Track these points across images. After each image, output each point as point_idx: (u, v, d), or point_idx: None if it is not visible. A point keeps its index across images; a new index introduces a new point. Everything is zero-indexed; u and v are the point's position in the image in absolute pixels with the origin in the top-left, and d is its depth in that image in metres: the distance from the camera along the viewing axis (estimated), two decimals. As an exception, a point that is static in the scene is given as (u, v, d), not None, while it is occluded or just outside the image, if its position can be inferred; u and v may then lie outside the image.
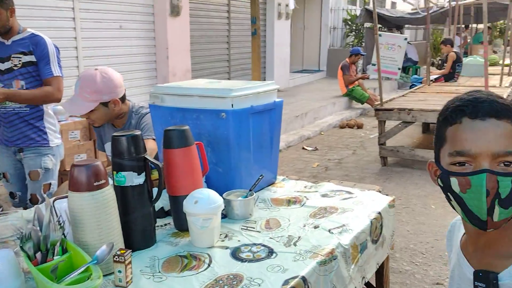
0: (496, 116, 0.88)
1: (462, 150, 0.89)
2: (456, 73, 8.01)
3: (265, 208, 1.88)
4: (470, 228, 0.99)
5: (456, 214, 0.99)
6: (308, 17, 13.11)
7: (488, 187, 0.85)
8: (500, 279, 0.94)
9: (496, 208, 0.87)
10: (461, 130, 0.90)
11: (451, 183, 0.90)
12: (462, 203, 0.90)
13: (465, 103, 0.91)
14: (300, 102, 8.33)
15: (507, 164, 0.86)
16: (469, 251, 1.04)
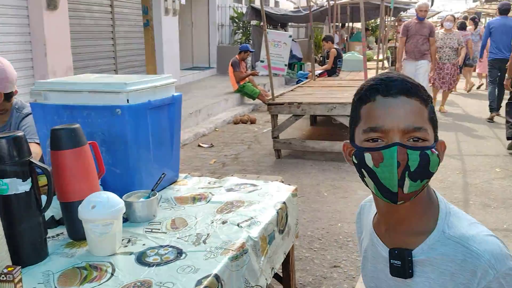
0: (406, 94, 0.92)
1: (375, 126, 0.93)
2: (338, 68, 8.56)
3: (169, 207, 1.79)
4: (382, 207, 1.03)
5: (359, 197, 1.01)
6: (195, 14, 13.03)
7: (399, 159, 0.89)
8: (414, 255, 0.98)
9: (406, 180, 0.90)
10: (374, 107, 0.94)
11: (365, 159, 0.93)
12: (375, 177, 0.93)
13: (378, 82, 0.95)
14: (193, 99, 8.23)
15: (416, 140, 0.91)
16: (381, 230, 1.08)
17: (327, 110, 5.28)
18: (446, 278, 0.93)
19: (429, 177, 0.94)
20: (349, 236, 3.44)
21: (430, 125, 0.95)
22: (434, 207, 1.00)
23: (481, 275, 0.89)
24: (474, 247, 0.91)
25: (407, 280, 0.99)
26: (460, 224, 0.97)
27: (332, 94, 6.02)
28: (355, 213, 3.81)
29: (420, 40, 7.26)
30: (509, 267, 0.89)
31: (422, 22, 7.31)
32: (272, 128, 5.58)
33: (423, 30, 7.24)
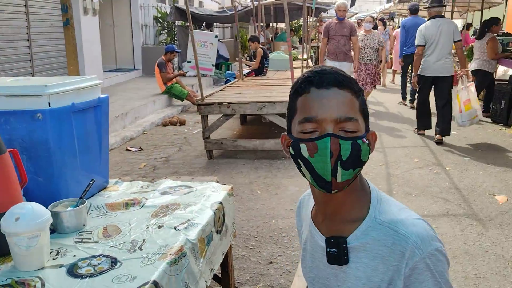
0: (338, 85, 0.97)
1: (310, 116, 0.96)
2: (265, 67, 8.68)
3: (100, 215, 1.71)
4: (318, 197, 1.06)
5: (291, 193, 1.03)
6: (117, 13, 12.56)
7: (332, 149, 0.93)
8: (349, 242, 1.02)
9: (339, 170, 0.94)
10: (309, 98, 0.98)
11: (301, 149, 0.96)
12: (311, 167, 0.96)
13: (313, 74, 0.99)
14: (119, 102, 7.94)
15: (348, 131, 0.96)
16: (319, 221, 1.11)
17: (257, 109, 5.34)
18: (378, 262, 0.97)
19: (360, 166, 0.98)
20: (284, 232, 3.50)
21: (361, 116, 0.99)
22: (367, 195, 1.05)
23: (409, 256, 0.94)
24: (402, 230, 0.96)
25: (343, 267, 1.02)
26: (390, 210, 1.01)
27: (261, 93, 6.09)
28: (288, 209, 3.89)
29: (342, 41, 7.23)
30: (435, 248, 0.94)
31: (342, 22, 7.28)
32: (203, 128, 5.54)
33: (343, 30, 7.21)
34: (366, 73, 7.93)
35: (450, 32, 5.80)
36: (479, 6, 10.96)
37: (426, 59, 5.93)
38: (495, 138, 6.24)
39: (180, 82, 9.14)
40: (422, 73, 5.98)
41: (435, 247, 0.95)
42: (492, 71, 7.47)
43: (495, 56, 7.17)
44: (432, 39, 5.81)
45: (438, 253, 0.95)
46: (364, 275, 0.99)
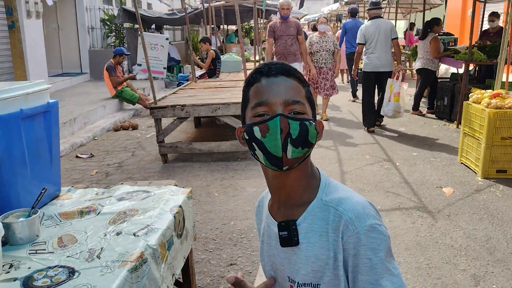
0: (285, 74, 1.07)
1: (260, 101, 1.04)
2: (217, 69, 8.65)
3: (54, 224, 1.64)
4: (273, 184, 1.12)
5: (249, 194, 1.05)
6: (62, 16, 12.11)
7: (281, 126, 1.00)
8: (298, 224, 1.08)
9: (289, 146, 1.01)
10: (259, 86, 1.07)
11: (254, 132, 1.03)
12: (263, 147, 1.02)
13: (262, 66, 1.09)
14: (66, 108, 7.65)
15: (296, 113, 1.04)
16: (275, 210, 1.16)
17: (211, 111, 5.31)
18: (323, 239, 1.03)
19: (309, 146, 1.05)
20: (243, 233, 3.50)
21: (307, 102, 1.08)
22: (316, 181, 1.12)
23: (343, 231, 1.00)
24: (340, 207, 1.03)
25: (295, 249, 1.07)
26: (336, 192, 1.09)
27: (215, 95, 6.07)
28: (246, 210, 3.90)
29: (289, 41, 6.82)
30: (369, 224, 0.99)
31: (287, 21, 6.83)
32: (156, 132, 5.44)
33: (290, 30, 6.79)
34: (321, 77, 7.50)
35: (388, 31, 6.56)
36: (421, 7, 11.48)
37: (368, 56, 6.66)
38: (440, 133, 6.55)
39: (130, 85, 8.94)
40: (366, 69, 6.68)
41: (369, 223, 0.99)
42: (435, 70, 7.84)
43: (438, 55, 7.53)
44: (372, 38, 6.57)
45: (371, 229, 0.99)
46: (313, 254, 1.04)
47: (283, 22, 6.85)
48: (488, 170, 4.53)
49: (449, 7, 12.43)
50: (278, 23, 6.90)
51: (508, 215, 3.67)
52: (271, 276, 1.19)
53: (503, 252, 3.09)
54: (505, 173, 4.52)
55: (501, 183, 4.39)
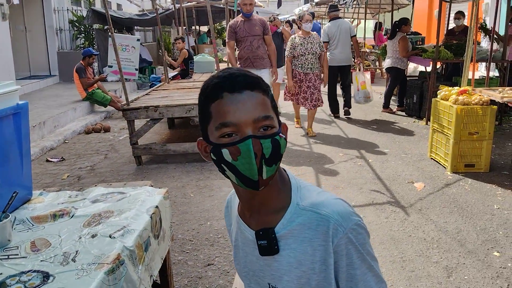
0: (250, 88, 0.98)
1: (227, 121, 0.97)
2: (190, 70, 8.61)
3: (26, 229, 1.61)
4: (243, 195, 1.09)
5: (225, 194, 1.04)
6: (29, 18, 11.79)
7: (255, 150, 0.95)
8: (277, 231, 1.05)
9: (264, 167, 0.97)
10: (223, 104, 0.97)
11: (223, 155, 0.97)
12: (236, 170, 0.98)
13: (223, 79, 0.99)
14: (35, 111, 7.46)
15: (265, 128, 0.98)
16: (246, 216, 1.13)
17: (185, 111, 5.28)
18: (306, 245, 1.02)
19: (280, 159, 1.01)
20: (219, 233, 3.50)
21: (273, 112, 1.02)
22: (287, 184, 1.09)
23: (333, 234, 1.00)
24: (323, 211, 1.01)
25: (275, 256, 1.06)
26: (310, 194, 1.07)
27: (188, 95, 6.03)
28: (222, 209, 3.89)
29: (255, 42, 5.82)
30: (354, 222, 1.01)
31: (250, 19, 5.81)
32: (129, 134, 5.37)
33: (254, 29, 5.79)
34: (306, 85, 6.27)
35: (347, 29, 7.45)
36: (389, 8, 11.73)
37: (332, 52, 7.41)
38: (410, 130, 6.69)
39: (101, 87, 8.78)
40: (330, 64, 7.18)
41: (354, 221, 1.01)
42: (404, 68, 8.01)
43: (406, 54, 7.69)
44: (334, 36, 7.37)
45: (357, 227, 1.01)
46: (295, 260, 1.03)
47: (246, 20, 5.81)
48: (457, 164, 4.66)
49: (416, 7, 12.73)
50: (240, 22, 5.82)
51: (477, 208, 3.78)
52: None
53: (473, 244, 3.18)
54: (473, 167, 4.67)
55: (470, 177, 4.53)
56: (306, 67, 6.24)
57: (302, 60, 6.24)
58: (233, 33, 5.82)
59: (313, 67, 6.26)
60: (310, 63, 6.24)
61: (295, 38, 6.30)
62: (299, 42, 6.24)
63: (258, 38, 5.83)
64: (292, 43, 6.28)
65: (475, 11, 5.08)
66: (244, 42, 5.83)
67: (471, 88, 5.00)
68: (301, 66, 6.25)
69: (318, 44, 6.27)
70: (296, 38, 6.29)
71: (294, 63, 6.30)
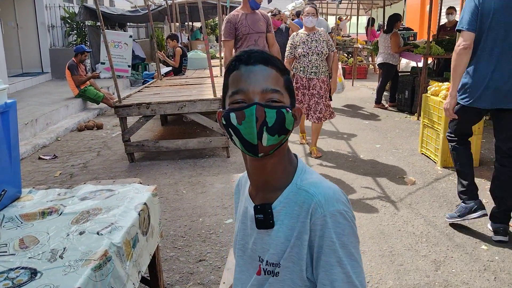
0: (264, 63, 1.09)
1: (238, 89, 1.07)
2: (183, 66, 8.60)
3: (15, 226, 1.62)
4: (251, 169, 1.16)
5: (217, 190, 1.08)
6: (20, 15, 11.71)
7: (257, 115, 1.03)
8: (274, 207, 1.12)
9: (264, 134, 1.04)
10: (237, 74, 1.09)
11: (230, 118, 1.05)
12: (239, 134, 1.05)
13: (242, 53, 1.10)
14: (27, 108, 7.44)
15: (273, 101, 1.06)
16: (253, 194, 1.20)
17: (177, 108, 5.29)
18: (294, 221, 1.08)
19: (285, 133, 1.08)
20: (212, 229, 3.52)
21: (286, 91, 1.10)
22: (293, 167, 1.16)
23: (312, 212, 1.05)
24: (311, 190, 1.08)
25: (269, 230, 1.12)
26: (311, 177, 1.13)
27: (181, 92, 6.04)
28: (214, 206, 3.91)
29: (260, 41, 4.92)
30: (336, 209, 1.04)
31: (254, 13, 4.88)
32: (122, 131, 5.37)
33: (258, 25, 4.86)
34: (310, 93, 5.08)
35: (325, 27, 7.99)
36: (381, 3, 11.74)
37: None
38: (402, 125, 6.74)
39: (94, 84, 8.76)
40: None
41: (337, 208, 1.04)
42: (396, 64, 8.05)
43: (398, 49, 7.73)
44: None
45: (338, 215, 1.03)
46: (283, 235, 1.09)
47: (250, 14, 4.83)
48: (447, 159, 4.71)
49: (408, 3, 12.78)
50: (242, 16, 4.81)
51: (466, 202, 3.83)
52: None
53: (461, 238, 3.23)
54: (463, 162, 4.71)
55: (460, 172, 4.58)
56: (309, 71, 5.04)
57: (305, 62, 5.03)
58: (233, 30, 4.76)
59: (318, 71, 5.03)
60: (315, 65, 5.02)
61: (296, 35, 5.16)
62: (301, 40, 5.04)
63: (262, 36, 4.90)
64: (292, 41, 5.10)
65: (465, 7, 5.10)
66: (247, 40, 4.81)
67: (461, 83, 5.03)
68: (303, 69, 5.05)
69: (325, 42, 5.03)
70: (298, 35, 5.13)
71: (295, 65, 5.12)
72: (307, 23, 5.05)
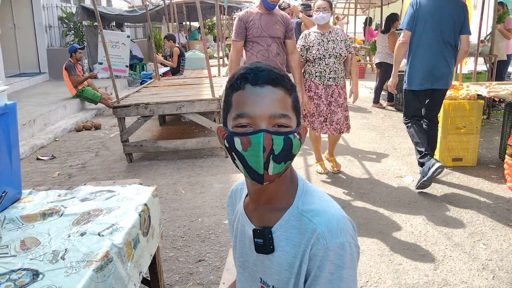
0: (272, 83, 1.01)
1: (244, 113, 1.00)
2: (181, 66, 8.61)
3: (16, 228, 1.62)
4: (251, 188, 1.11)
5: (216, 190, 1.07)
6: (18, 15, 11.69)
7: (264, 144, 0.98)
8: (274, 232, 1.07)
9: (271, 163, 0.99)
10: (244, 95, 1.01)
11: (235, 143, 1.00)
12: (244, 160, 1.00)
13: (248, 71, 1.02)
14: (25, 109, 7.43)
15: (280, 126, 1.00)
16: (250, 210, 1.15)
17: (175, 108, 5.29)
18: (296, 249, 1.03)
19: (291, 159, 1.03)
20: (211, 229, 3.52)
21: (293, 112, 1.04)
22: (294, 186, 1.10)
23: (313, 242, 1.00)
24: (315, 219, 1.02)
25: (269, 255, 1.07)
26: (312, 200, 1.07)
27: (179, 92, 6.04)
28: (213, 206, 3.91)
29: (274, 47, 4.11)
30: (340, 241, 0.98)
31: (271, 14, 4.10)
32: (120, 132, 5.37)
33: (274, 28, 4.08)
34: (327, 102, 4.34)
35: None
36: (379, 3, 11.76)
37: None
38: (400, 125, 6.75)
39: (91, 84, 8.75)
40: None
41: (340, 240, 0.99)
42: (394, 63, 8.05)
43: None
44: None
45: (341, 247, 0.98)
46: (285, 262, 1.04)
47: (265, 14, 4.07)
48: (445, 158, 4.72)
49: (405, 2, 12.81)
50: (256, 16, 4.07)
51: (464, 201, 3.85)
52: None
53: (460, 237, 3.24)
54: (461, 161, 4.73)
55: (457, 171, 4.59)
56: (327, 77, 4.27)
57: (321, 66, 4.25)
58: (243, 30, 4.06)
59: (338, 76, 4.29)
60: (333, 70, 4.26)
61: (309, 34, 4.33)
62: (315, 41, 4.26)
63: (278, 42, 4.12)
64: (304, 41, 4.30)
65: (462, 6, 5.12)
66: (258, 44, 4.07)
67: (459, 83, 5.06)
68: (320, 75, 4.27)
69: (343, 42, 4.28)
70: (311, 35, 4.32)
71: (308, 70, 4.35)
72: (319, 19, 4.29)
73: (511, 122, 4.72)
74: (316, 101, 4.35)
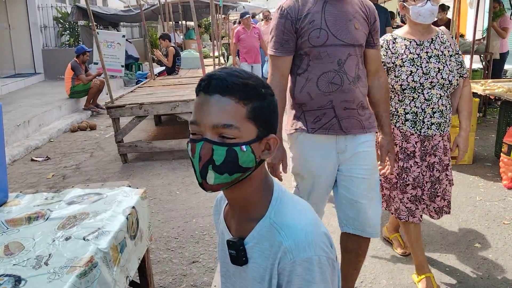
0: (221, 92, 0.96)
1: (193, 120, 0.99)
2: (177, 66, 8.57)
3: (1, 232, 1.60)
4: (225, 195, 1.09)
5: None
6: (12, 15, 11.63)
7: (201, 153, 0.96)
8: (247, 243, 1.04)
9: (210, 173, 0.97)
10: (196, 102, 1.00)
11: (188, 148, 1.00)
12: (193, 166, 1.00)
13: (205, 77, 1.00)
14: (20, 110, 7.38)
15: (225, 137, 0.96)
16: (229, 219, 1.13)
17: (170, 108, 5.26)
18: (267, 262, 1.01)
19: (241, 171, 0.98)
20: (205, 230, 3.50)
21: (249, 123, 0.97)
22: (269, 195, 1.06)
23: (280, 256, 0.97)
24: (283, 233, 0.98)
25: (243, 266, 1.06)
26: (286, 211, 1.03)
27: (174, 92, 6.01)
28: (208, 206, 3.88)
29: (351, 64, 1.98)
30: (306, 256, 0.94)
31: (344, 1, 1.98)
32: (115, 132, 5.34)
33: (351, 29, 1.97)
34: (425, 166, 2.51)
35: None
36: (375, 0, 11.73)
37: None
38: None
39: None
40: None
41: (307, 255, 0.95)
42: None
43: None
44: None
45: (308, 262, 0.95)
46: (258, 275, 1.02)
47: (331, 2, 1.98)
48: (441, 157, 4.70)
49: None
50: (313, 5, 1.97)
51: (460, 200, 3.83)
52: None
53: (455, 236, 3.22)
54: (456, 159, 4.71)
55: (453, 169, 4.54)
56: (428, 121, 2.43)
57: (417, 103, 2.41)
58: (291, 35, 1.99)
59: (445, 121, 2.48)
60: (439, 110, 2.43)
61: (395, 41, 2.47)
62: (405, 56, 2.41)
63: (359, 53, 2.05)
64: (386, 55, 2.45)
65: (457, 4, 5.11)
66: (320, 61, 1.98)
67: (454, 80, 5.03)
68: (414, 118, 2.43)
69: (454, 58, 2.45)
70: (398, 42, 2.46)
71: (395, 106, 2.47)
72: (422, 15, 2.35)
73: (507, 120, 4.69)
74: (403, 163, 2.49)
